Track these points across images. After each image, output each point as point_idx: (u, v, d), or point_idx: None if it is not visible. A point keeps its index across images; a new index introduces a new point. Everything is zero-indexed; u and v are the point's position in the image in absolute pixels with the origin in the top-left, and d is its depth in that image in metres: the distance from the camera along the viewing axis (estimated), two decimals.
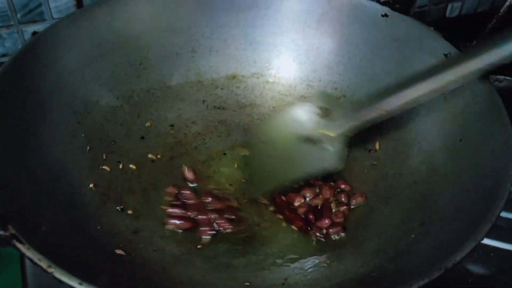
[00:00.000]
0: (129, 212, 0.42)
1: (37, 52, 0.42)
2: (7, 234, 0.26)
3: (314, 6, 0.53)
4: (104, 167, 0.45)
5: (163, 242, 0.41)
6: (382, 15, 0.49)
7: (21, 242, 0.26)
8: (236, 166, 0.49)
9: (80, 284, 0.24)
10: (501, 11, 0.40)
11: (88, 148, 0.44)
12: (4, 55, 0.55)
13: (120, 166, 0.46)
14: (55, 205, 0.36)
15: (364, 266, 0.37)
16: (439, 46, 0.45)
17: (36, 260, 0.25)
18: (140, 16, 0.51)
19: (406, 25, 0.48)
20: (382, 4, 0.50)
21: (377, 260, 0.37)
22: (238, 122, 0.53)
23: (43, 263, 0.25)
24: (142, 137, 0.49)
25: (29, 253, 0.26)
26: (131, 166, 0.46)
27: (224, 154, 0.50)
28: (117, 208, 0.42)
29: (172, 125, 0.51)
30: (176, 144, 0.50)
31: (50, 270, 0.25)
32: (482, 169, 0.36)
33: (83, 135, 0.44)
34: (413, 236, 0.37)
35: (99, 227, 0.39)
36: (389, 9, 0.49)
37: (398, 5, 0.49)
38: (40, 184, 0.36)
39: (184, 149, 0.50)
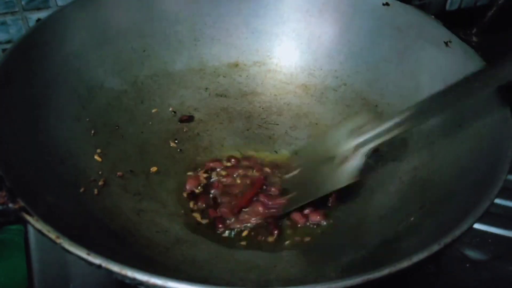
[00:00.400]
0: (132, 194, 0.43)
1: (43, 36, 0.43)
2: (16, 207, 0.26)
3: None
4: (107, 151, 0.45)
5: (166, 223, 0.41)
6: (383, 4, 0.50)
7: (30, 214, 0.26)
8: (238, 153, 0.50)
9: (88, 254, 0.25)
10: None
11: (92, 132, 0.45)
12: (8, 42, 0.56)
13: (124, 151, 0.46)
14: (60, 184, 0.37)
15: (364, 248, 0.38)
16: (440, 34, 0.46)
17: (45, 231, 0.26)
18: (144, 4, 0.51)
19: (407, 14, 0.49)
20: None
21: (377, 242, 0.38)
22: (240, 110, 0.54)
23: (52, 234, 0.26)
24: (145, 123, 0.50)
25: (38, 224, 0.26)
26: (134, 150, 0.47)
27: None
28: (121, 190, 0.43)
29: (174, 112, 0.52)
30: (178, 130, 0.51)
31: (58, 241, 0.25)
32: (481, 151, 0.37)
33: (87, 119, 0.45)
34: (412, 219, 0.38)
35: (103, 207, 0.39)
36: None
37: None
38: (48, 164, 0.37)
39: (186, 135, 0.51)
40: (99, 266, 0.24)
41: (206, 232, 0.42)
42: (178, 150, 0.49)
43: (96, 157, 0.44)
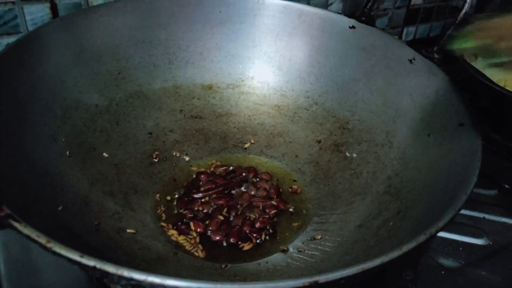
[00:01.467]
0: (112, 213, 0.42)
1: (18, 55, 0.42)
2: (3, 214, 0.26)
3: (285, 21, 0.56)
4: (84, 172, 0.44)
5: (147, 241, 0.41)
6: (350, 27, 0.53)
7: (17, 221, 0.26)
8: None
9: (81, 256, 0.24)
10: (458, 19, 0.44)
11: (68, 152, 0.44)
12: None
13: (100, 171, 0.46)
14: (40, 200, 0.36)
15: (346, 255, 0.39)
16: (404, 53, 0.49)
17: (34, 236, 0.25)
18: (118, 27, 0.52)
19: (372, 36, 0.52)
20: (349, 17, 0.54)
21: (359, 248, 0.39)
22: (215, 131, 0.55)
23: (42, 239, 0.25)
24: (121, 144, 0.49)
25: (27, 230, 0.25)
26: (110, 171, 0.46)
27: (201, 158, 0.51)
28: (99, 210, 0.42)
29: (150, 133, 0.52)
30: (154, 151, 0.51)
31: (49, 245, 0.25)
32: (451, 157, 0.39)
33: (63, 139, 0.44)
34: (391, 224, 0.39)
35: (82, 225, 0.38)
36: (356, 21, 0.53)
37: (364, 18, 0.52)
38: (29, 180, 0.36)
39: (162, 156, 0.51)
40: (94, 268, 0.24)
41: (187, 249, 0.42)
42: (155, 170, 0.49)
43: (72, 177, 0.43)
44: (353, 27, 0.53)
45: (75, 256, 0.24)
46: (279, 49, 0.57)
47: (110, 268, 0.24)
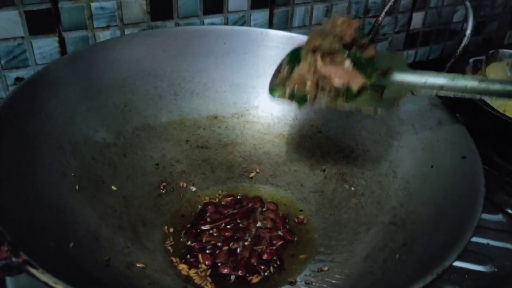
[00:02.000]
0: (121, 248, 0.43)
1: (29, 93, 0.44)
2: (20, 260, 0.26)
3: (288, 51, 0.57)
4: (93, 206, 0.45)
5: (157, 275, 0.41)
6: None
7: (34, 267, 0.26)
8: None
9: None
10: (458, 51, 0.45)
11: (77, 187, 0.45)
12: None
13: (109, 205, 0.46)
14: (53, 238, 0.36)
15: (352, 287, 0.39)
16: None
17: (51, 283, 0.26)
18: (124, 61, 0.53)
19: None
20: None
21: (366, 280, 0.39)
22: (221, 160, 0.56)
23: (60, 286, 0.26)
24: (129, 176, 0.50)
25: (44, 277, 0.26)
26: (119, 204, 0.47)
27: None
28: (109, 245, 0.42)
29: (157, 164, 0.53)
30: (162, 182, 0.51)
31: None
32: (455, 188, 0.40)
33: (72, 174, 0.45)
34: (397, 256, 0.40)
35: (93, 262, 0.39)
36: None
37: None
38: (40, 218, 0.37)
39: (170, 187, 0.51)
40: None
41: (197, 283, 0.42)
42: (163, 201, 0.50)
43: (82, 212, 0.43)
44: None
45: None
46: None
47: None
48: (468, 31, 0.44)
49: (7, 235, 0.28)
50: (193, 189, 0.52)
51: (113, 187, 0.48)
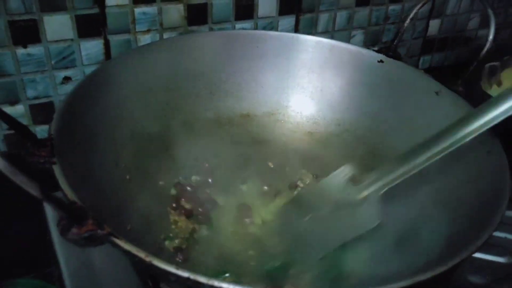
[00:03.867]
0: (175, 239, 0.47)
1: (87, 92, 0.47)
2: (105, 232, 0.30)
3: (317, 55, 0.61)
4: (141, 194, 0.49)
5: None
6: (378, 61, 0.58)
7: (118, 238, 0.30)
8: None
9: (177, 269, 0.28)
10: (481, 55, 0.49)
11: (128, 177, 0.49)
12: (36, 98, 0.60)
13: (154, 192, 0.50)
14: (112, 221, 0.40)
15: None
16: (430, 85, 0.53)
17: (134, 251, 0.29)
18: (166, 63, 0.57)
19: (400, 69, 0.57)
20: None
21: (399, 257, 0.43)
22: (254, 156, 0.59)
23: (141, 254, 0.29)
24: (171, 168, 0.54)
25: (127, 246, 0.30)
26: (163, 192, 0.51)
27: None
28: (162, 237, 0.46)
29: (196, 158, 0.56)
30: (201, 174, 0.55)
31: (148, 259, 0.29)
32: (481, 182, 0.43)
33: (123, 165, 0.49)
34: (423, 244, 0.43)
35: (149, 243, 0.42)
36: (384, 56, 0.58)
37: (391, 53, 0.57)
38: (97, 202, 0.40)
39: (207, 179, 0.55)
40: (188, 279, 0.28)
41: None
42: (202, 192, 0.53)
43: (134, 198, 0.47)
44: (381, 61, 0.58)
45: (171, 268, 0.28)
46: (311, 80, 0.62)
47: (202, 279, 0.28)
48: (491, 37, 0.48)
49: (90, 211, 0.32)
50: (229, 182, 0.56)
51: (158, 179, 0.52)
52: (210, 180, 0.55)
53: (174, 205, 0.51)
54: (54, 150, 0.37)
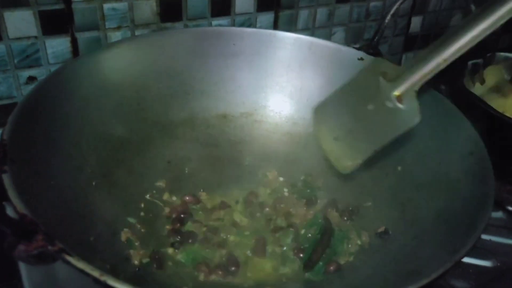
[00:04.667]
0: (135, 242, 0.44)
1: (47, 93, 0.44)
2: (56, 248, 0.27)
3: (296, 52, 0.59)
4: (109, 201, 0.46)
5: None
6: (359, 59, 0.56)
7: (69, 255, 0.27)
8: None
9: None
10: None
11: (94, 183, 0.46)
12: None
13: (124, 200, 0.47)
14: (74, 230, 0.37)
15: (367, 278, 0.41)
16: None
17: (88, 270, 0.26)
18: (137, 61, 0.54)
19: None
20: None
21: (380, 272, 0.40)
22: (231, 158, 0.57)
23: (96, 273, 0.26)
24: (142, 174, 0.51)
25: (80, 264, 0.27)
26: (133, 200, 0.48)
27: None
28: (125, 240, 0.43)
29: (169, 162, 0.54)
30: (174, 179, 0.52)
31: (103, 278, 0.26)
32: (463, 183, 0.41)
33: (89, 171, 0.46)
34: (408, 249, 0.41)
35: (114, 256, 0.39)
36: (364, 53, 0.56)
37: (371, 50, 0.55)
38: (64, 213, 0.37)
39: (181, 183, 0.52)
40: None
41: None
42: (174, 198, 0.51)
43: (100, 207, 0.44)
44: (361, 58, 0.56)
45: None
46: (290, 79, 0.59)
47: None
48: None
49: (41, 225, 0.29)
50: (203, 186, 0.53)
51: (127, 184, 0.49)
52: (183, 185, 0.52)
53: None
54: (6, 157, 0.34)
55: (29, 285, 0.44)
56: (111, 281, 0.26)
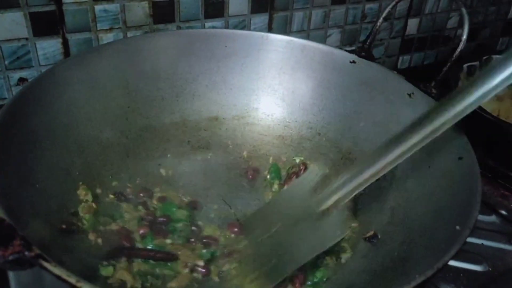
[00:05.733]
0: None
1: (34, 95, 0.44)
2: (33, 254, 0.27)
3: (288, 55, 0.59)
4: (95, 204, 0.46)
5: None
6: (351, 62, 0.56)
7: (47, 261, 0.27)
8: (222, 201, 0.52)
9: None
10: (454, 56, 0.46)
11: (80, 183, 0.45)
12: None
13: (112, 204, 0.47)
14: (58, 234, 0.37)
15: (353, 285, 0.40)
16: (403, 87, 0.51)
17: (65, 276, 0.26)
18: (128, 63, 0.54)
19: (372, 70, 0.54)
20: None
21: (365, 277, 0.40)
22: (222, 161, 0.56)
23: (72, 279, 0.26)
24: (131, 176, 0.51)
25: (57, 270, 0.27)
26: (122, 204, 0.48)
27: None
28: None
29: (159, 164, 0.53)
30: (164, 182, 0.52)
31: (79, 284, 0.26)
32: (452, 189, 0.41)
33: (77, 173, 0.46)
34: (396, 253, 0.41)
35: (97, 256, 0.39)
36: (356, 56, 0.55)
37: (363, 53, 0.55)
38: (47, 215, 0.37)
39: (172, 187, 0.52)
40: None
41: None
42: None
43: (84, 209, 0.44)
44: (353, 61, 0.55)
45: None
46: (282, 82, 0.59)
47: None
48: (464, 37, 0.46)
49: (18, 230, 0.28)
50: (194, 189, 0.53)
51: (115, 187, 0.49)
52: (174, 188, 0.52)
53: None
54: None
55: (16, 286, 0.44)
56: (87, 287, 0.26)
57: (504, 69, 0.33)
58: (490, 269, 0.52)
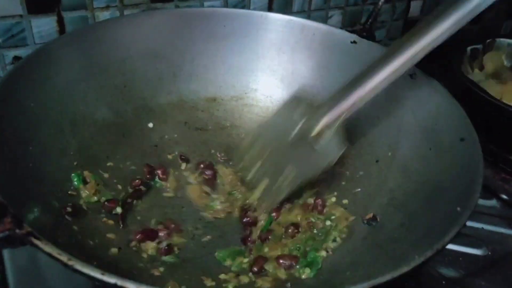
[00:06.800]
0: (118, 224, 0.43)
1: (28, 72, 0.43)
2: (24, 232, 0.26)
3: (288, 35, 0.58)
4: (91, 184, 0.45)
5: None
6: (351, 42, 0.54)
7: (38, 238, 0.26)
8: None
9: (103, 274, 0.25)
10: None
11: (75, 163, 0.45)
12: None
13: (107, 184, 0.46)
14: (53, 214, 0.36)
15: (354, 264, 0.40)
16: None
17: (55, 254, 0.26)
18: (124, 42, 0.53)
19: (373, 50, 0.53)
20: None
21: (365, 259, 0.40)
22: (219, 142, 0.56)
23: (63, 257, 0.26)
24: (127, 157, 0.50)
25: (48, 248, 0.26)
26: (117, 184, 0.47)
27: None
28: (104, 220, 0.43)
29: (156, 145, 0.53)
30: (160, 164, 0.51)
31: (70, 263, 0.25)
32: (453, 170, 0.40)
33: (71, 153, 0.45)
34: (395, 235, 0.40)
35: (90, 242, 0.39)
36: (357, 36, 0.54)
37: (365, 33, 0.54)
38: (41, 195, 0.37)
39: (168, 169, 0.51)
40: (115, 285, 0.25)
41: None
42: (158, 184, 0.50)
43: (81, 190, 0.43)
44: (354, 42, 0.54)
45: (96, 274, 0.25)
46: (281, 62, 0.58)
47: (131, 285, 0.25)
48: None
49: (10, 208, 0.28)
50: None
51: (110, 167, 0.48)
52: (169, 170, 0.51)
53: None
54: None
55: (12, 271, 0.44)
56: (78, 266, 0.25)
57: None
58: (489, 253, 0.52)
